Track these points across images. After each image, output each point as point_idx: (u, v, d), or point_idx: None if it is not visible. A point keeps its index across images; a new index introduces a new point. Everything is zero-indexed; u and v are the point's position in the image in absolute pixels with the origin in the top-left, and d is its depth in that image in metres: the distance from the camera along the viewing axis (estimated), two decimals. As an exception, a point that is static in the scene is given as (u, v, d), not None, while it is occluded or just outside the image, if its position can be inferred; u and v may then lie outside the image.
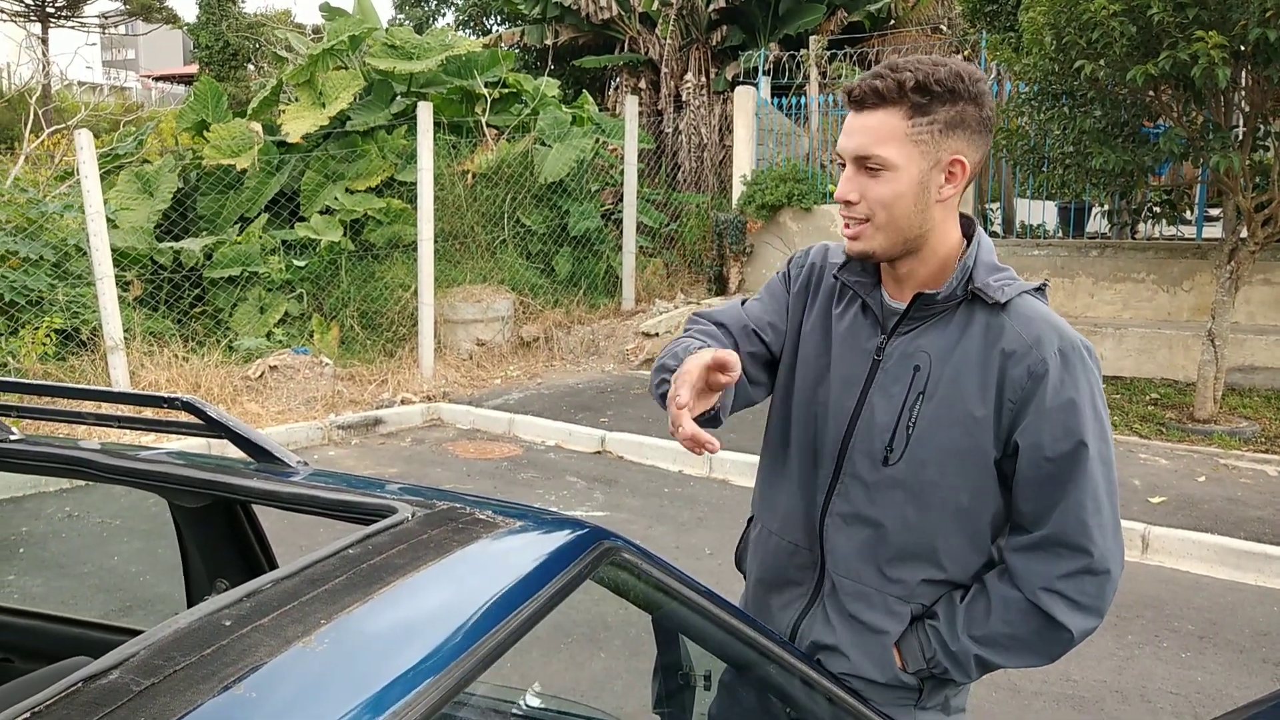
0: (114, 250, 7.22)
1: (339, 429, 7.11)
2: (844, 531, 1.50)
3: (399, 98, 9.85)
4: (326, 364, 7.83)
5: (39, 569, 4.86)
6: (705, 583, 1.48)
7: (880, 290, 1.51)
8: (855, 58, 10.58)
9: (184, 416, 1.79)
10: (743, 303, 1.66)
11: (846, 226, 1.43)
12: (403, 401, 7.73)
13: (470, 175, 9.62)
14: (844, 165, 1.43)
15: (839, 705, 1.49)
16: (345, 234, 8.85)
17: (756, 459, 1.72)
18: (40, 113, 9.70)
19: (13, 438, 1.80)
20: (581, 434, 7.08)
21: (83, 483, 6.06)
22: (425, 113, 8.19)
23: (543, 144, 9.95)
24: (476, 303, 9.05)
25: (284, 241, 8.81)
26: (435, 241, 8.43)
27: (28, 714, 0.80)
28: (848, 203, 1.41)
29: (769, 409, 1.67)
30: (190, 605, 2.00)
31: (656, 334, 9.21)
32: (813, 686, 1.48)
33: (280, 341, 8.22)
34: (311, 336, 8.47)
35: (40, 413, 1.94)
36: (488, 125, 9.92)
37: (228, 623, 0.95)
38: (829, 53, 10.85)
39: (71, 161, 8.96)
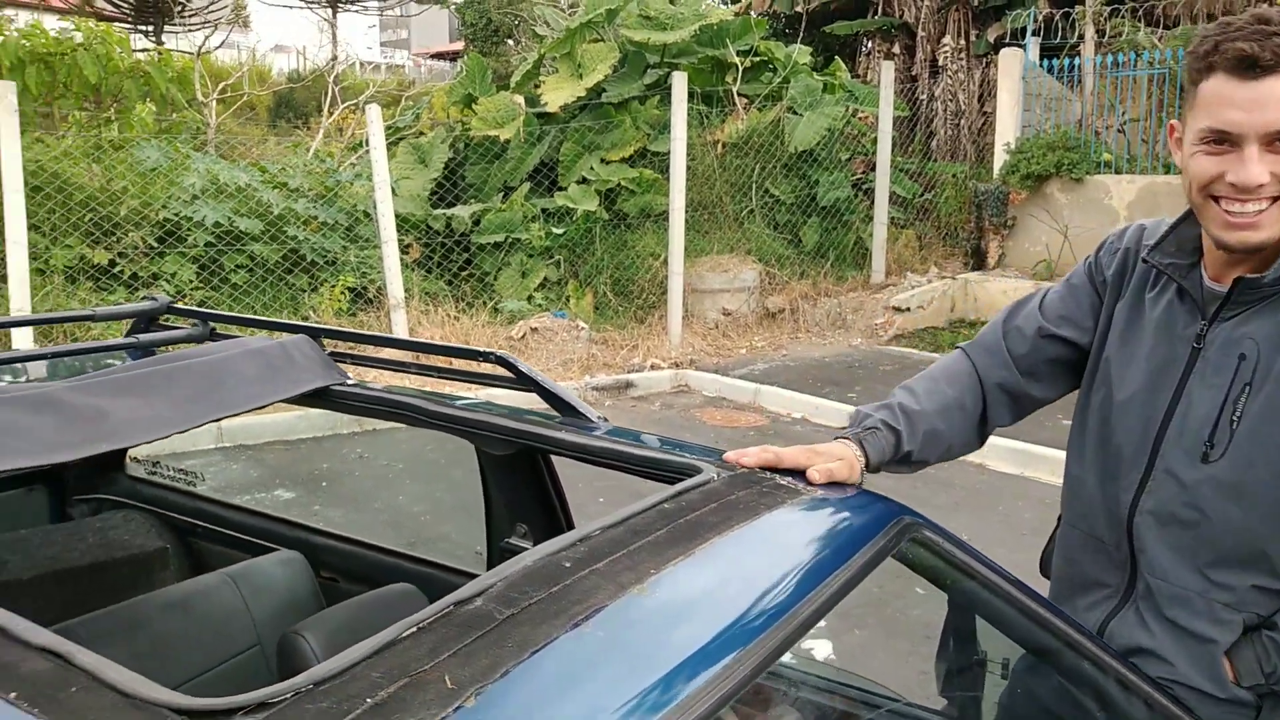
0: (395, 216, 7.83)
1: (593, 390, 7.41)
2: (1156, 531, 1.40)
3: (652, 69, 10.04)
4: (582, 328, 8.16)
5: (338, 502, 5.40)
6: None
7: (1198, 271, 1.38)
8: (1141, 14, 9.69)
9: (496, 370, 1.93)
10: (1043, 297, 1.60)
11: (1231, 215, 1.26)
12: (652, 367, 7.94)
13: (720, 145, 9.68)
14: (1217, 141, 1.25)
15: (1158, 711, 1.38)
16: (600, 203, 9.15)
17: (1018, 444, 1.67)
18: (336, 91, 10.65)
19: (348, 382, 2.00)
20: (829, 408, 6.99)
21: (372, 427, 6.67)
22: (680, 82, 8.29)
23: (793, 112, 9.84)
24: (723, 273, 9.12)
25: (544, 210, 9.23)
26: (685, 211, 8.55)
27: (414, 628, 0.88)
28: (1257, 186, 1.23)
29: (1077, 402, 1.59)
30: (491, 545, 2.15)
31: (908, 308, 8.93)
32: (1128, 688, 1.39)
33: (540, 305, 8.64)
34: (568, 301, 8.85)
35: (370, 361, 2.15)
36: (738, 94, 9.92)
37: (567, 564, 1.02)
38: (1108, 8, 10.00)
39: (360, 135, 9.79)
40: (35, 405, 1.47)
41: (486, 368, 1.90)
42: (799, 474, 1.37)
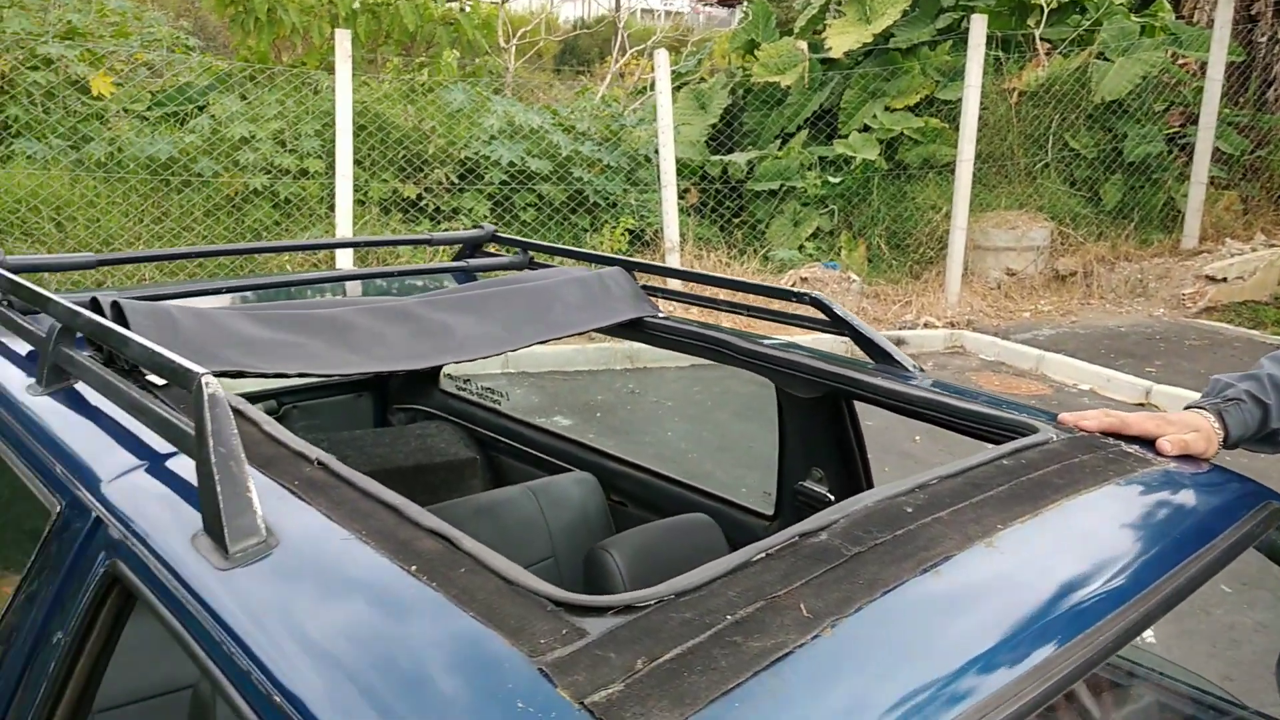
0: (674, 161, 7.96)
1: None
2: None
3: (945, 12, 9.49)
4: (854, 280, 7.98)
5: (610, 433, 5.64)
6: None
7: None
8: None
9: (804, 311, 1.91)
10: None
11: None
12: (925, 325, 7.64)
13: (1016, 94, 9.03)
14: None
15: None
16: (880, 152, 8.84)
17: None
18: (625, 36, 10.92)
19: (659, 315, 2.06)
20: (1122, 381, 6.45)
21: (643, 365, 6.92)
22: (979, 25, 7.80)
23: (1103, 58, 8.98)
24: (1010, 229, 8.57)
25: (821, 158, 9.05)
26: (973, 163, 8.08)
27: (763, 553, 0.89)
28: None
29: None
30: (782, 488, 2.15)
31: (1224, 278, 8.01)
32: None
33: (810, 255, 8.53)
34: (839, 252, 8.67)
35: (679, 295, 2.19)
36: (1040, 39, 9.18)
37: (909, 509, 0.99)
38: None
39: (644, 81, 10.00)
40: (394, 316, 1.63)
41: (794, 308, 1.89)
42: (1145, 443, 1.26)
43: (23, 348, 1.60)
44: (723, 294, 2.20)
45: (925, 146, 8.94)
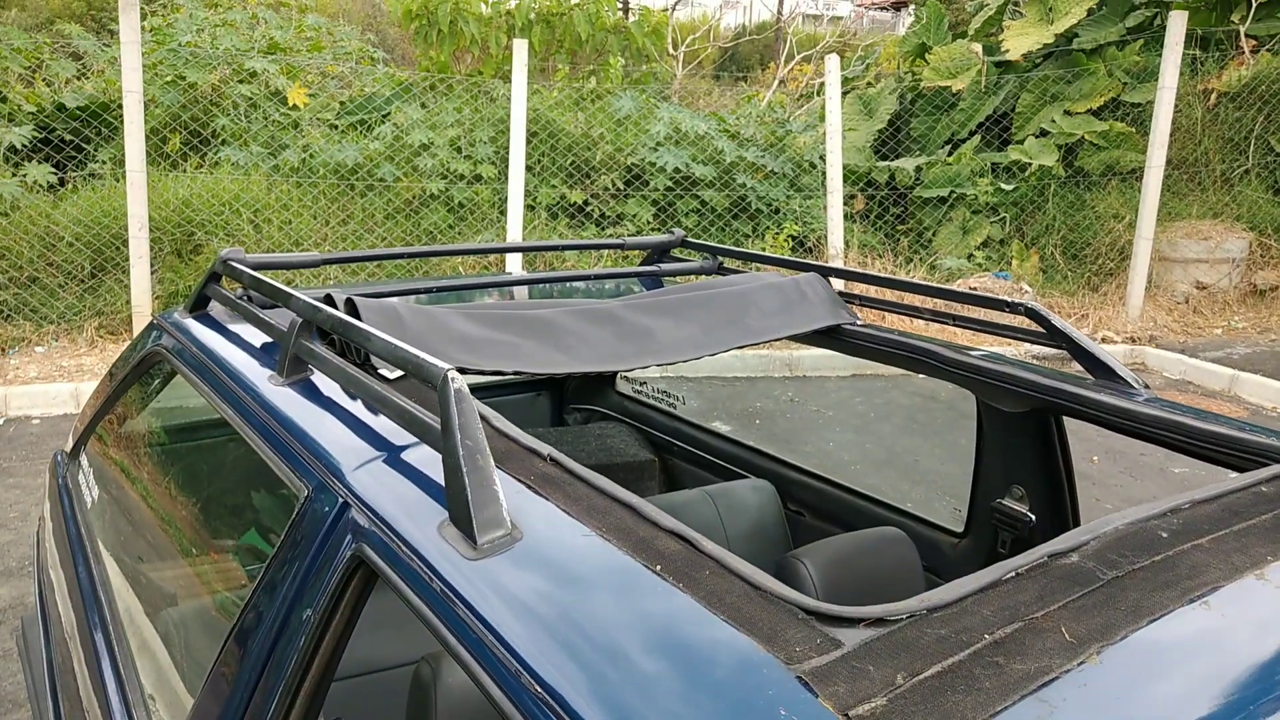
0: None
1: (1031, 357, 6.94)
2: None
3: (1136, 9, 8.98)
4: (1026, 290, 7.66)
5: (770, 440, 5.61)
6: None
7: None
8: None
9: (1015, 322, 1.85)
10: None
11: None
12: (1103, 339, 7.25)
13: (1213, 95, 8.44)
14: None
15: None
16: (1058, 159, 8.44)
17: None
18: (794, 42, 10.85)
19: (857, 323, 2.03)
20: (1327, 406, 5.94)
21: (802, 374, 6.86)
22: (1177, 22, 7.34)
23: (1316, 55, 8.29)
24: (1202, 240, 8.02)
25: (992, 165, 8.72)
26: (1163, 170, 7.61)
27: (1012, 572, 0.86)
28: None
29: None
30: (975, 505, 2.08)
31: None
32: None
33: (979, 265, 8.24)
34: (1010, 262, 8.33)
35: (881, 303, 2.15)
36: (1246, 35, 8.55)
37: (1164, 534, 0.94)
38: None
39: (809, 86, 9.90)
40: (598, 318, 1.68)
41: (1003, 318, 1.83)
42: None
43: (257, 339, 1.73)
44: (927, 302, 2.15)
45: (1108, 152, 8.48)
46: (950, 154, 8.94)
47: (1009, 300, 1.78)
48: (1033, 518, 1.89)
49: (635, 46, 8.92)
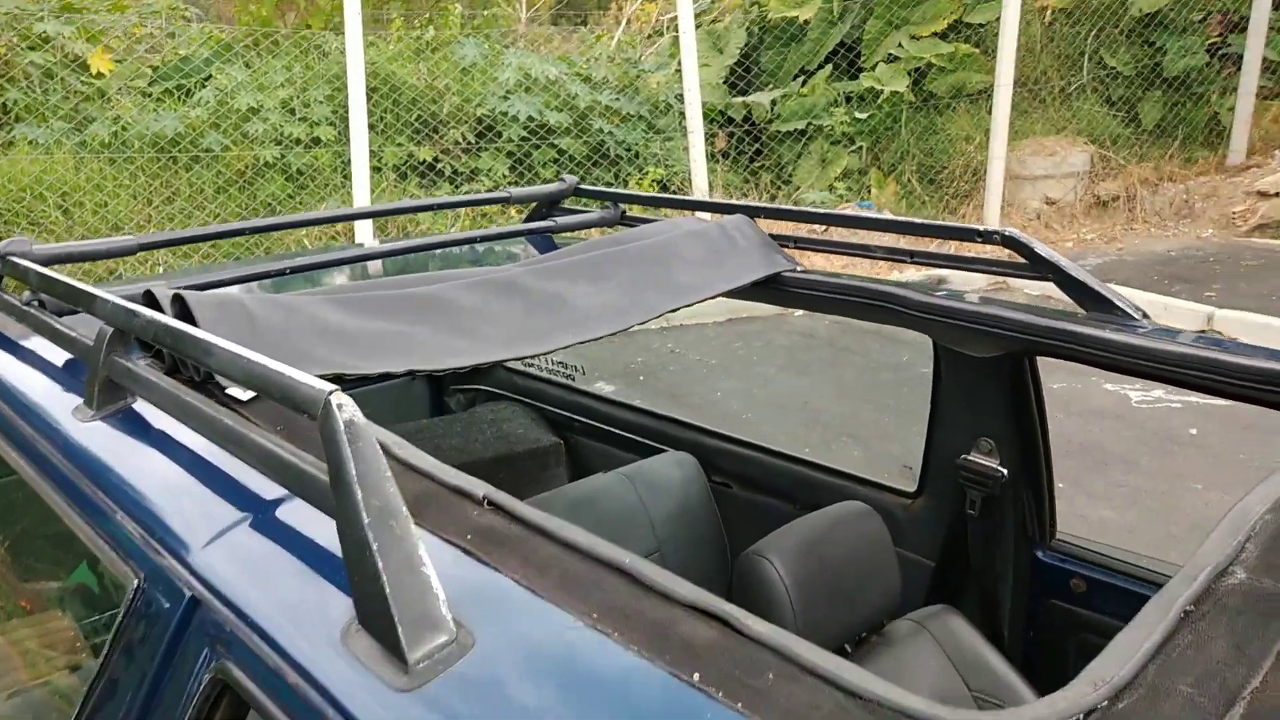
0: (697, 106, 7.62)
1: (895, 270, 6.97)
2: None
3: (970, -70, 9.04)
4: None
5: (657, 396, 5.41)
6: None
7: None
8: None
9: (985, 252, 1.66)
10: None
11: None
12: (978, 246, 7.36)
13: (1048, 11, 8.61)
14: None
15: None
16: (908, 84, 8.47)
17: None
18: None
19: (798, 270, 1.80)
20: (1181, 309, 6.18)
21: (679, 323, 6.68)
22: (1014, -59, 7.39)
23: (1139, -31, 8.55)
24: (1048, 156, 8.22)
25: (846, 94, 8.68)
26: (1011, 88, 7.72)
27: (1178, 612, 0.64)
28: None
29: None
30: (930, 461, 1.91)
31: (1277, 194, 7.66)
32: None
33: (841, 196, 8.21)
34: (870, 191, 8.35)
35: (823, 244, 1.93)
36: (1074, -48, 8.74)
37: None
38: None
39: (658, 26, 9.60)
40: (501, 290, 1.39)
41: (971, 250, 1.63)
42: None
43: (56, 358, 1.34)
44: (872, 237, 1.94)
45: (955, 75, 8.55)
46: (804, 85, 8.85)
47: (981, 229, 1.58)
48: (1004, 472, 1.72)
49: (473, -11, 8.41)
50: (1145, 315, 1.43)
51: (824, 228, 2.04)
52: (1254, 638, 0.62)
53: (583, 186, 2.14)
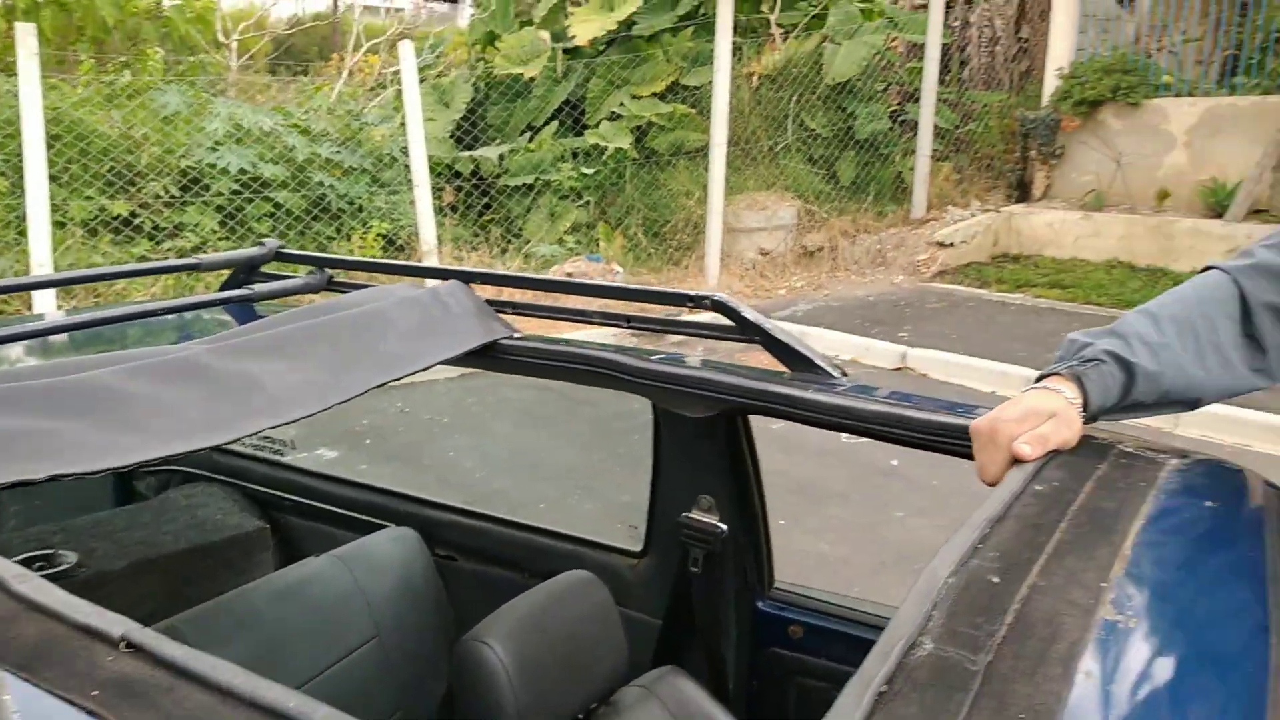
0: (423, 159, 7.51)
1: (632, 335, 7.16)
2: None
3: (682, -1, 9.62)
4: (618, 271, 7.90)
5: (385, 460, 5.19)
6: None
7: None
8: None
9: (698, 315, 1.69)
10: None
11: None
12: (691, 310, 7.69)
13: (755, 77, 9.29)
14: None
15: None
16: (631, 141, 8.81)
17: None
18: (359, 31, 10.23)
19: (516, 336, 1.76)
20: (880, 349, 6.77)
21: (408, 381, 6.46)
22: (725, 10, 7.91)
23: (832, 41, 9.43)
24: (761, 210, 8.81)
25: (572, 151, 8.90)
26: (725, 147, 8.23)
27: (871, 694, 0.65)
28: None
29: None
30: (655, 520, 1.92)
31: (951, 243, 8.63)
32: None
33: (571, 249, 8.36)
34: (599, 244, 8.56)
35: (537, 310, 1.89)
36: (776, 24, 9.50)
37: (995, 579, 0.79)
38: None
39: (381, 77, 9.41)
40: (179, 374, 1.23)
41: (685, 314, 1.65)
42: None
43: None
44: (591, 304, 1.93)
45: (674, 133, 9.00)
46: (531, 141, 8.98)
47: (692, 294, 1.61)
48: (724, 528, 1.75)
49: (177, 35, 7.85)
50: (844, 374, 1.52)
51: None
52: (940, 713, 0.63)
53: (286, 250, 2.00)
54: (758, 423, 1.74)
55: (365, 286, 1.89)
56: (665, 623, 1.87)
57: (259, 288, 1.89)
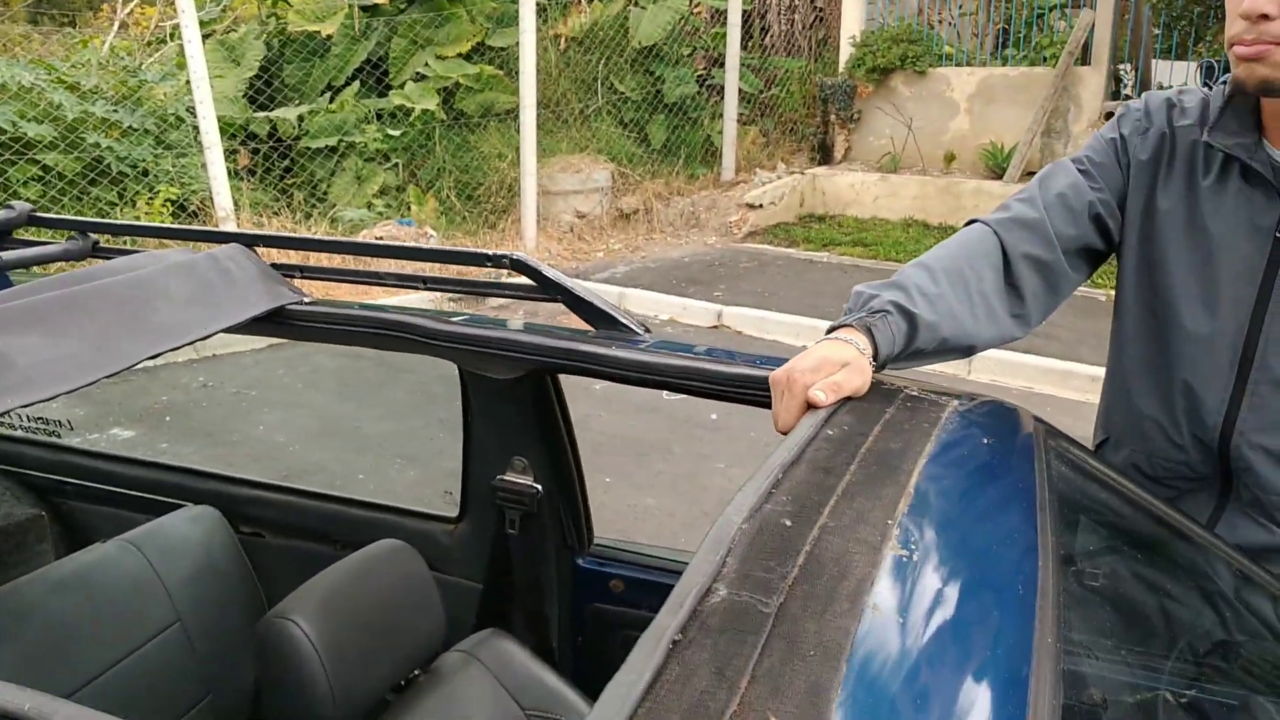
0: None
1: (449, 300, 7.01)
2: (1265, 453, 1.28)
3: (484, -44, 9.38)
4: (432, 235, 7.69)
5: (188, 437, 4.88)
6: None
7: (1264, 148, 1.23)
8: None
9: (500, 276, 1.65)
10: (1079, 170, 1.38)
11: (1241, 46, 1.16)
12: (509, 274, 7.60)
13: (562, 39, 9.21)
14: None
15: None
16: (439, 103, 8.55)
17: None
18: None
19: (306, 301, 1.67)
20: (697, 308, 6.92)
21: (211, 353, 6.06)
22: (527, -31, 7.77)
23: (637, 5, 9.46)
24: (575, 173, 8.78)
25: (377, 112, 8.55)
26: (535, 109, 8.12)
27: (667, 643, 0.64)
28: (1263, 17, 1.13)
29: (1117, 309, 1.42)
30: (469, 484, 1.88)
31: (760, 205, 8.90)
32: (1252, 580, 1.31)
33: (381, 213, 8.06)
34: (409, 208, 8.30)
35: (330, 273, 1.80)
36: (580, -15, 9.43)
37: (788, 523, 0.80)
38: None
39: (158, 31, 8.71)
40: None
41: (484, 274, 1.60)
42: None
43: None
44: (408, 266, 1.84)
45: (482, 94, 8.81)
46: (332, 101, 8.56)
47: (492, 254, 1.57)
48: (539, 489, 1.73)
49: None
50: (648, 330, 1.52)
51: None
52: (733, 656, 0.62)
53: (40, 214, 1.81)
54: (581, 381, 1.74)
55: (136, 252, 1.75)
56: (486, 586, 1.85)
57: (8, 256, 1.70)
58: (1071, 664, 0.81)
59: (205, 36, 9.06)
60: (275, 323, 1.58)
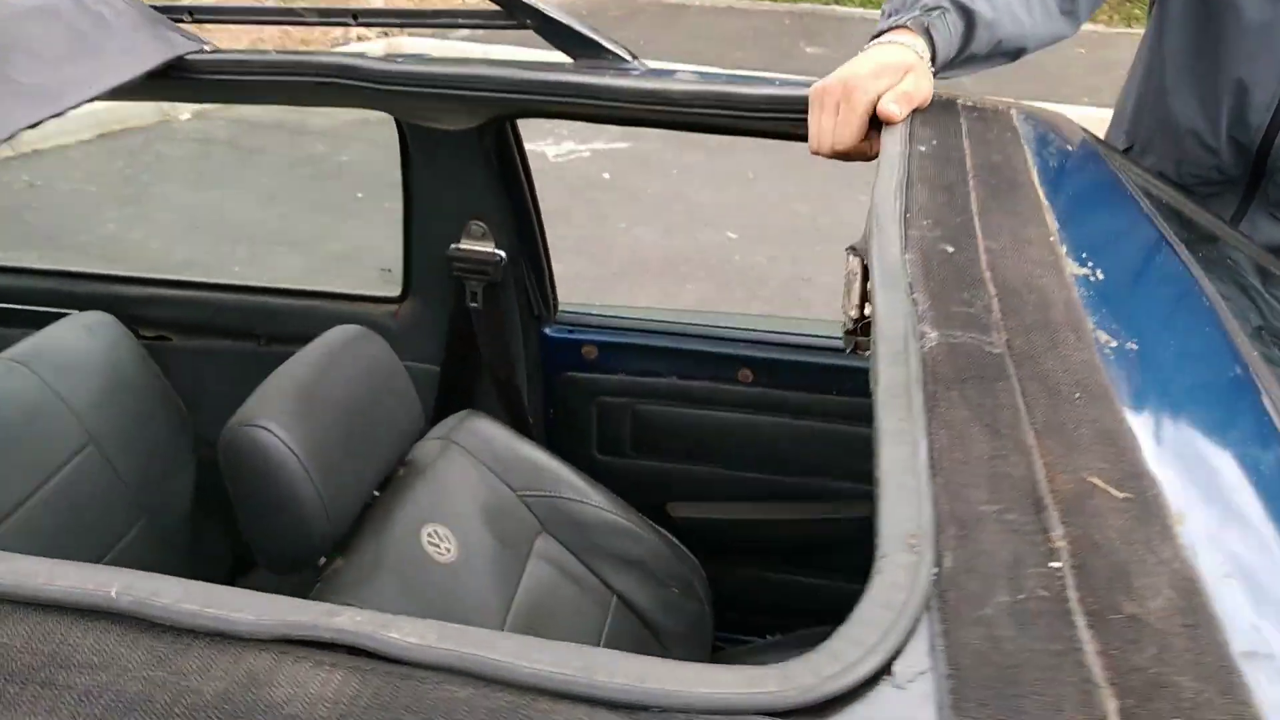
0: None
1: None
2: None
3: None
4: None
5: (27, 244, 4.35)
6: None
7: None
8: None
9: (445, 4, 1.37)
10: None
11: None
12: (358, 38, 6.92)
13: None
14: None
15: None
16: None
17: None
18: None
19: (207, 49, 1.36)
20: (569, 61, 6.52)
21: (32, 148, 5.34)
22: None
23: None
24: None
25: None
26: None
27: (920, 401, 0.53)
28: None
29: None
30: (413, 251, 1.67)
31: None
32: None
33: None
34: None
35: (236, 12, 1.47)
36: None
37: (949, 248, 0.71)
38: None
39: None
40: None
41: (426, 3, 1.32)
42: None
43: None
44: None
45: None
46: None
47: None
48: (502, 255, 1.54)
49: None
50: (635, 57, 1.30)
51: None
52: (996, 409, 0.52)
53: None
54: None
55: None
56: (444, 368, 1.69)
57: None
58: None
59: None
60: (174, 78, 1.29)
